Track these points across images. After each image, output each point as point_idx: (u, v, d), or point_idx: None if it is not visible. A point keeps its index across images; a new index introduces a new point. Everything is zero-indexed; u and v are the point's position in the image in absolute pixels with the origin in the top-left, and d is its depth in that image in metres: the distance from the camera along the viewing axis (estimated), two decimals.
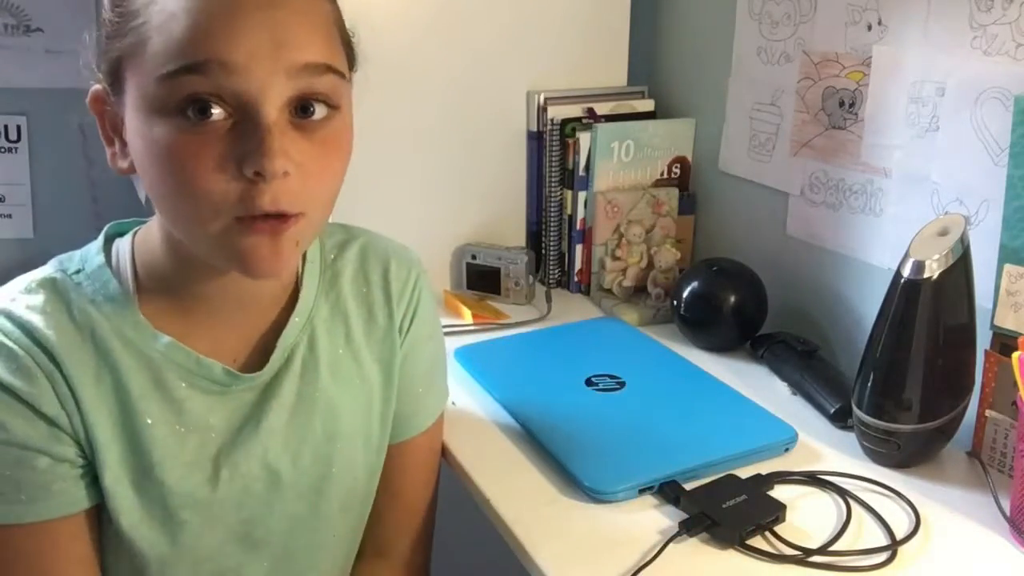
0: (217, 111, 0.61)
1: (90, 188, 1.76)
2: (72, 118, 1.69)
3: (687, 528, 0.80)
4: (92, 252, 0.74)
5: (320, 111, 0.65)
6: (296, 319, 0.77)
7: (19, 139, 1.70)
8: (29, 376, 0.66)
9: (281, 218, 0.63)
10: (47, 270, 0.72)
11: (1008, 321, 0.89)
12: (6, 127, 1.69)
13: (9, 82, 1.66)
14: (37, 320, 0.68)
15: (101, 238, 0.75)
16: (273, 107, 0.61)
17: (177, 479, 0.70)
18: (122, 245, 0.74)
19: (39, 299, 0.69)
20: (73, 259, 0.73)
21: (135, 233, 0.75)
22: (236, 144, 0.61)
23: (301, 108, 0.64)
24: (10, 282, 0.72)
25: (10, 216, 1.74)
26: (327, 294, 0.80)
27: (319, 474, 0.78)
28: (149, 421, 0.69)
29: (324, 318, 0.79)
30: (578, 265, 1.39)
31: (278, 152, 0.61)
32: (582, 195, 1.36)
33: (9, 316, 0.68)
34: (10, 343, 0.66)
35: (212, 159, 0.61)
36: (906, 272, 0.88)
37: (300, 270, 0.79)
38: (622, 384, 1.05)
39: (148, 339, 0.70)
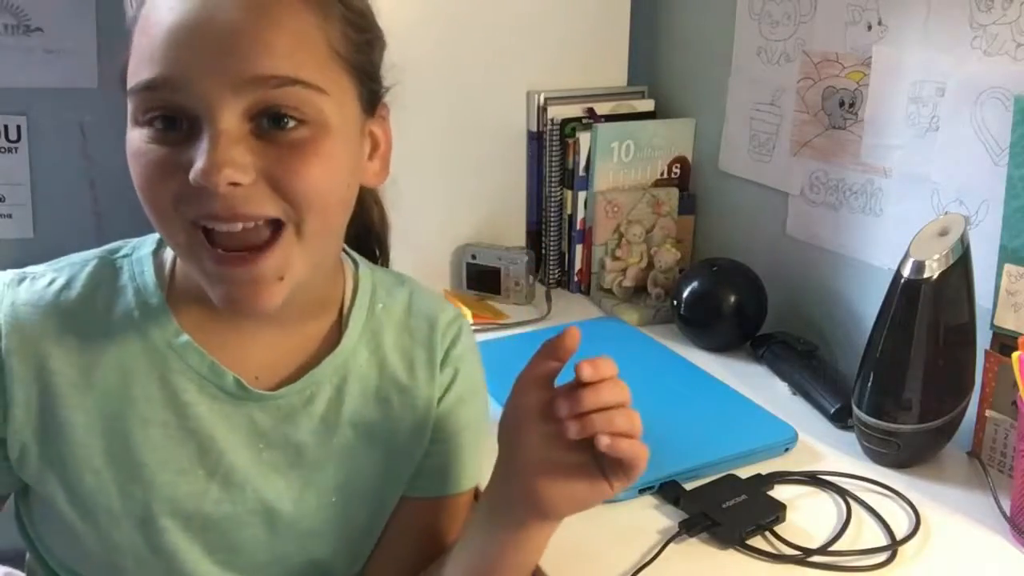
0: (180, 124, 0.61)
1: (90, 188, 1.76)
2: (72, 118, 1.69)
3: (687, 528, 0.81)
4: (147, 242, 0.73)
5: (292, 124, 0.62)
6: (331, 360, 0.74)
7: (19, 139, 1.70)
8: None
9: (254, 250, 0.62)
10: (100, 250, 0.72)
11: (1008, 321, 0.89)
12: (6, 127, 1.69)
13: (9, 82, 1.66)
14: (35, 301, 0.67)
15: None
16: (222, 120, 0.60)
17: (164, 483, 0.68)
18: None
19: (62, 279, 0.69)
20: (129, 243, 0.73)
21: None
22: (189, 155, 0.60)
23: (273, 119, 0.62)
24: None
25: (10, 216, 1.74)
26: (368, 342, 0.76)
27: (321, 519, 0.74)
28: (146, 419, 0.68)
29: (360, 365, 0.75)
30: (578, 265, 1.39)
31: (222, 163, 0.59)
32: (582, 195, 1.36)
33: (12, 287, 0.68)
34: None
35: (166, 168, 0.61)
36: (906, 272, 0.88)
37: (348, 311, 0.76)
38: None
39: (167, 335, 0.69)
